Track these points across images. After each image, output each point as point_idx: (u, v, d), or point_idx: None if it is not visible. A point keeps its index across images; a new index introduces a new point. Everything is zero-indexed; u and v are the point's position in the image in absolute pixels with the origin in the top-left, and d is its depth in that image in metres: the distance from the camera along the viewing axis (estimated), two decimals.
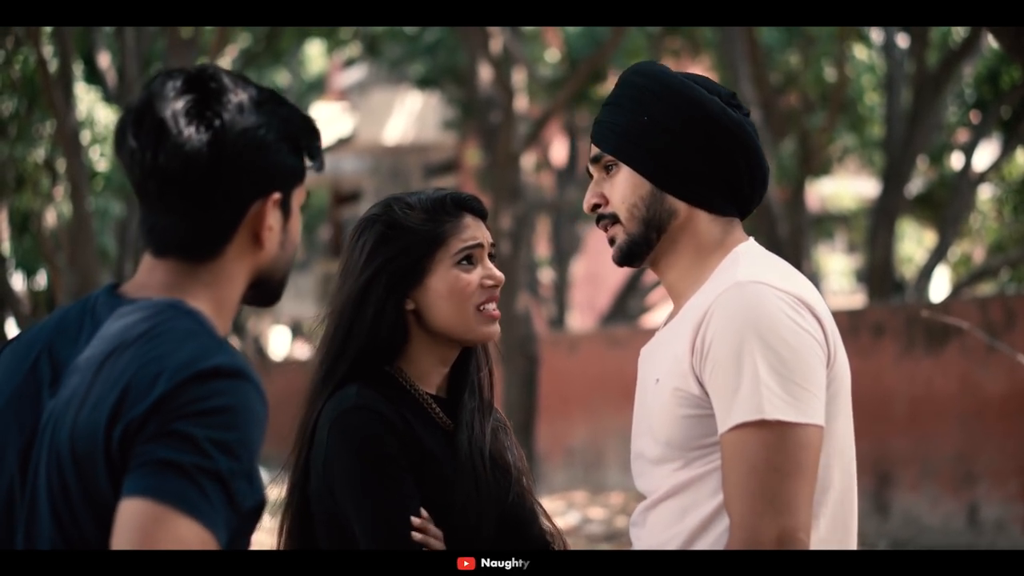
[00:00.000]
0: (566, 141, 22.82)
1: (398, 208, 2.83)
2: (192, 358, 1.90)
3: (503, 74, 17.21)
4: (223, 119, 2.00)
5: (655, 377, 2.59)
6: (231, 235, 2.04)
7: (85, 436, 1.91)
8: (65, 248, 14.05)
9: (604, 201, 2.66)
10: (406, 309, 2.79)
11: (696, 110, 2.59)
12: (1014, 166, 18.42)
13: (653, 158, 2.60)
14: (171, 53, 14.58)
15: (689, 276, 2.62)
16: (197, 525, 1.83)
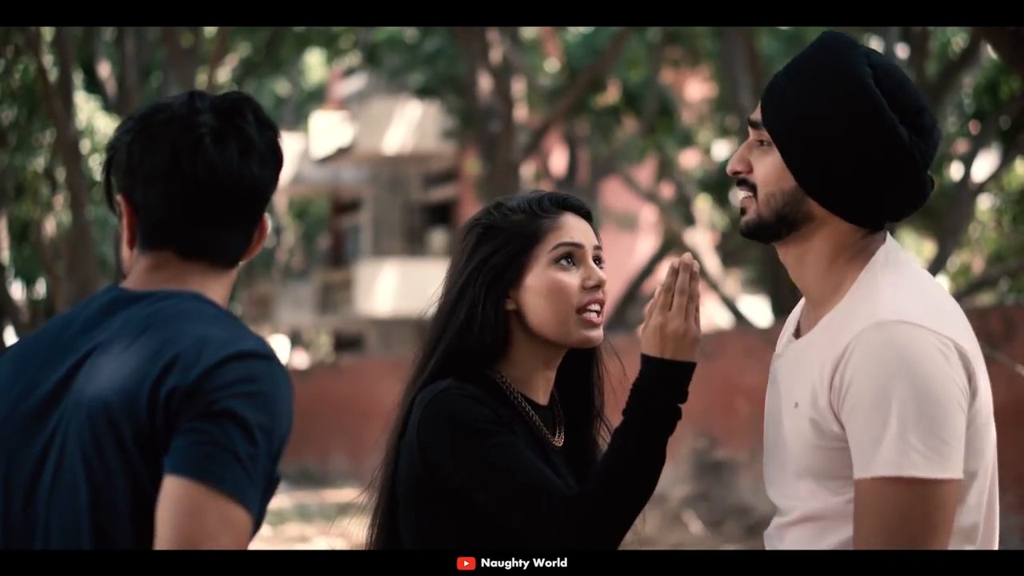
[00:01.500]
0: (566, 150, 22.85)
1: (498, 210, 2.82)
2: (230, 338, 2.02)
3: (503, 84, 17.24)
4: (273, 144, 2.18)
5: (794, 401, 2.48)
6: (252, 238, 2.19)
7: (122, 403, 1.98)
8: (64, 257, 14.05)
9: (748, 169, 2.52)
10: (507, 309, 2.76)
11: (867, 123, 2.41)
12: (1013, 176, 18.44)
13: (807, 159, 2.45)
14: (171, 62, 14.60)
15: (827, 283, 2.50)
16: (240, 508, 1.92)
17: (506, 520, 2.62)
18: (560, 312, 2.74)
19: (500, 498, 2.61)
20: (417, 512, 2.69)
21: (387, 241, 33.67)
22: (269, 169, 2.15)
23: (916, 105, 2.44)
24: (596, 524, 2.57)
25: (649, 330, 2.65)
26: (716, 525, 12.42)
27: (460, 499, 2.65)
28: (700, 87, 24.52)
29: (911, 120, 2.42)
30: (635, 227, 25.96)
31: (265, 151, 2.15)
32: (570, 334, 2.76)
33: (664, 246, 22.51)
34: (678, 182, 21.64)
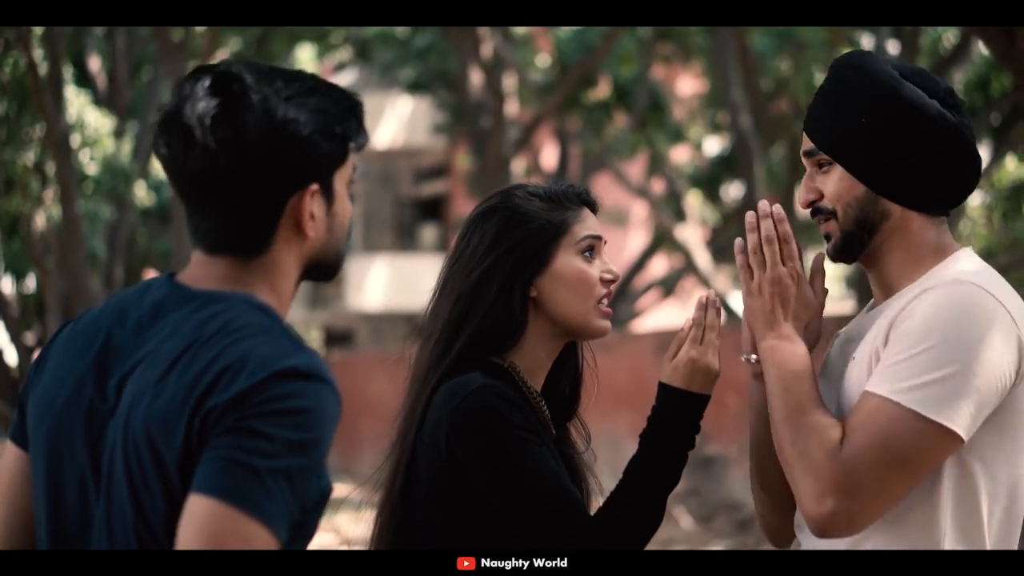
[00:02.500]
0: (556, 146, 22.83)
1: (520, 196, 2.82)
2: (272, 356, 1.93)
3: (494, 79, 17.23)
4: (246, 122, 2.01)
5: (853, 355, 2.56)
6: (273, 231, 2.06)
7: (163, 426, 1.93)
8: (54, 251, 14.02)
9: (819, 196, 2.62)
10: (530, 296, 2.77)
11: (914, 114, 2.53)
12: (1004, 173, 18.45)
13: (868, 162, 2.56)
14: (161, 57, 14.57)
15: (902, 274, 2.58)
16: (261, 527, 1.86)
17: (523, 531, 2.62)
18: (583, 302, 2.78)
19: (523, 511, 2.62)
20: (439, 514, 2.68)
21: (378, 236, 33.64)
22: (227, 150, 2.01)
23: (945, 87, 2.57)
24: (611, 546, 2.60)
25: (680, 362, 2.71)
26: (707, 520, 12.43)
27: (483, 502, 2.65)
28: (691, 83, 24.52)
29: (947, 101, 2.55)
30: (626, 222, 25.96)
31: (213, 133, 2.00)
32: (590, 324, 2.79)
33: (655, 241, 22.52)
34: (669, 177, 21.64)
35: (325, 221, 2.09)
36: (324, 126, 2.06)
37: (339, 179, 2.10)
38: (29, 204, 13.80)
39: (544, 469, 2.62)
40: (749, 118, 16.79)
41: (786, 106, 18.93)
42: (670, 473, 2.67)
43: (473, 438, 2.62)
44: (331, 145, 2.07)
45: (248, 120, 2.01)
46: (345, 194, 2.12)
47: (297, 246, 2.08)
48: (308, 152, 2.04)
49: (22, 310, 15.20)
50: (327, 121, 2.06)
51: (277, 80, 2.05)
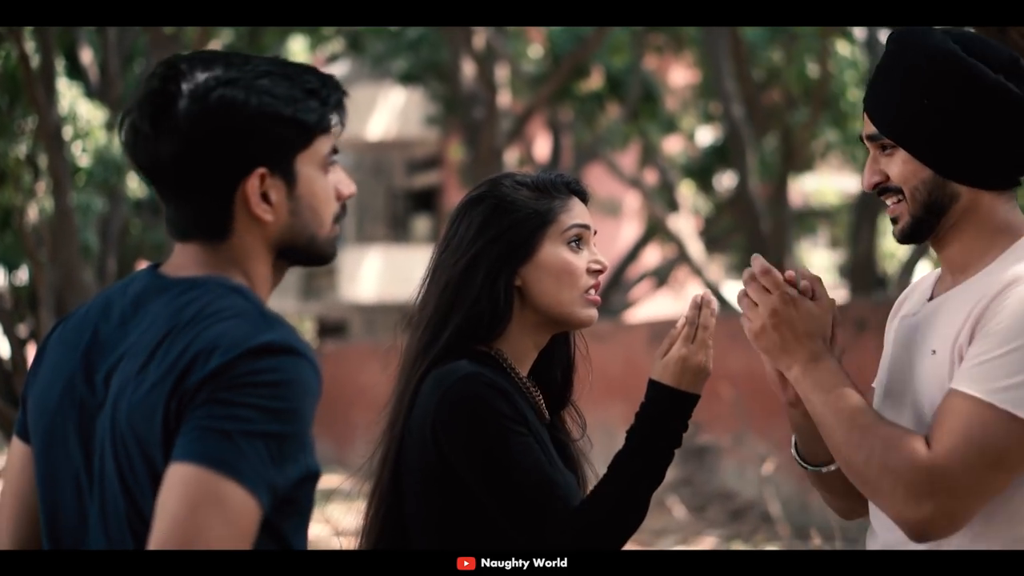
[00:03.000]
0: (549, 137, 22.84)
1: (507, 185, 2.81)
2: (244, 335, 1.93)
3: (486, 70, 17.23)
4: (179, 110, 2.02)
5: (931, 348, 2.50)
6: (229, 216, 2.06)
7: (144, 416, 1.94)
8: (47, 244, 14.00)
9: (885, 178, 2.56)
10: (515, 285, 2.77)
11: (974, 89, 2.46)
12: None
13: (933, 145, 2.49)
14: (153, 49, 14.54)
15: (973, 253, 2.53)
16: (236, 486, 1.86)
17: (506, 523, 2.63)
18: (569, 292, 2.77)
19: (506, 503, 2.62)
20: (429, 505, 2.68)
21: (371, 227, 33.63)
22: (166, 142, 2.02)
23: (1009, 56, 2.49)
24: (594, 543, 2.61)
25: (671, 360, 2.69)
26: (700, 510, 12.45)
27: (470, 492, 2.65)
28: (684, 73, 24.51)
29: (1010, 72, 2.47)
30: (619, 213, 25.96)
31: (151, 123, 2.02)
32: (575, 314, 2.78)
33: (648, 232, 22.53)
34: (662, 168, 21.65)
35: (287, 204, 2.07)
36: (269, 109, 2.04)
37: (303, 162, 2.08)
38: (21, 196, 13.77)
39: (529, 461, 2.62)
40: (742, 108, 16.80)
41: (778, 96, 18.93)
42: (656, 470, 2.66)
43: (459, 428, 2.63)
44: (280, 128, 2.05)
45: (181, 108, 2.02)
46: (316, 176, 2.10)
47: (259, 230, 2.07)
48: (249, 136, 2.03)
49: (15, 302, 15.18)
50: (274, 104, 2.05)
51: (218, 67, 2.05)
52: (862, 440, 2.39)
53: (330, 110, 2.12)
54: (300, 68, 2.11)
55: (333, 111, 2.12)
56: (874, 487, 2.39)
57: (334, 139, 2.13)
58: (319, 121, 2.09)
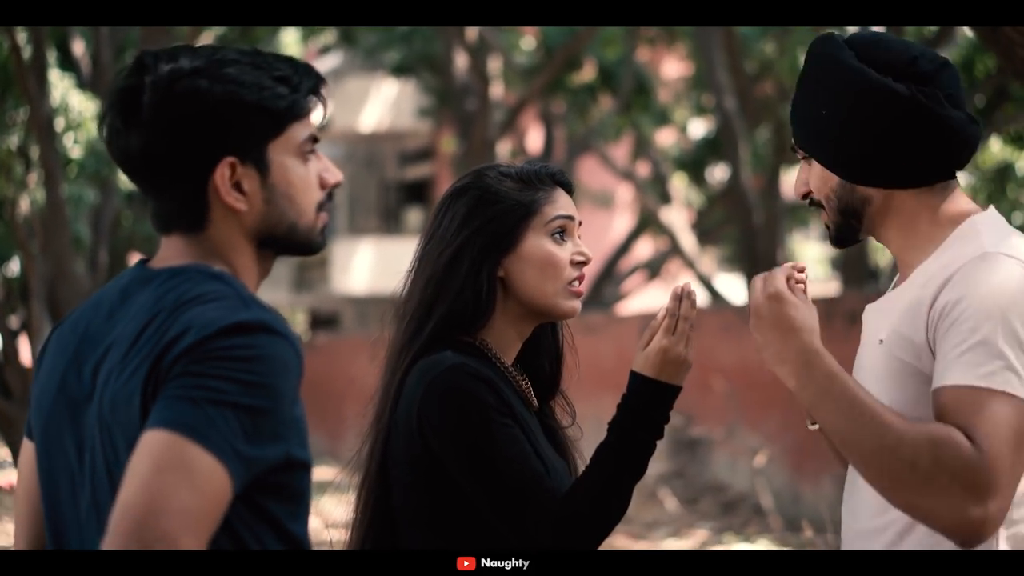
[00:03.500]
0: (542, 129, 22.81)
1: (492, 176, 2.82)
2: (220, 316, 1.93)
3: (479, 62, 17.22)
4: (143, 102, 2.03)
5: (879, 338, 2.54)
6: (204, 206, 2.07)
7: (125, 403, 1.95)
8: (39, 235, 13.97)
9: (809, 188, 2.64)
10: (498, 276, 2.77)
11: (864, 95, 2.51)
12: (988, 155, 18.48)
13: (835, 152, 2.56)
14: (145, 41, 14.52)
15: (915, 246, 2.57)
16: (203, 451, 1.85)
17: (490, 512, 2.63)
18: (552, 284, 2.78)
19: (490, 493, 2.62)
20: (417, 497, 2.68)
21: (363, 219, 33.62)
22: (133, 136, 2.03)
23: (907, 57, 2.52)
24: (576, 534, 2.60)
25: (652, 351, 2.68)
26: (692, 502, 12.46)
27: (456, 484, 2.65)
28: (676, 65, 24.51)
29: (904, 72, 2.51)
30: (611, 205, 25.97)
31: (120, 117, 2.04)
32: (558, 305, 2.79)
33: (640, 224, 22.52)
34: (654, 160, 21.64)
35: (260, 193, 2.07)
36: (233, 96, 2.04)
37: (276, 150, 2.08)
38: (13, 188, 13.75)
39: (514, 452, 2.62)
40: (734, 100, 16.79)
41: (771, 88, 18.92)
42: (638, 461, 2.66)
43: (444, 419, 2.63)
44: (244, 115, 2.05)
45: (146, 101, 2.03)
46: (291, 164, 2.09)
47: (235, 220, 2.08)
48: (214, 125, 2.03)
49: (6, 294, 15.16)
50: (237, 91, 2.04)
51: (183, 58, 2.05)
52: (900, 444, 2.32)
53: (302, 96, 2.10)
54: (272, 57, 2.10)
55: (306, 97, 2.11)
56: (923, 492, 2.30)
57: (312, 126, 2.12)
58: (289, 108, 2.08)
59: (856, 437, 2.35)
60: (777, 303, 2.46)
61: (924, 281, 2.48)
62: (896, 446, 2.31)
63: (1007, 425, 2.30)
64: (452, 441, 2.63)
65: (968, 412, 2.32)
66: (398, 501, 2.71)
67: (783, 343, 2.45)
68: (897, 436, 2.31)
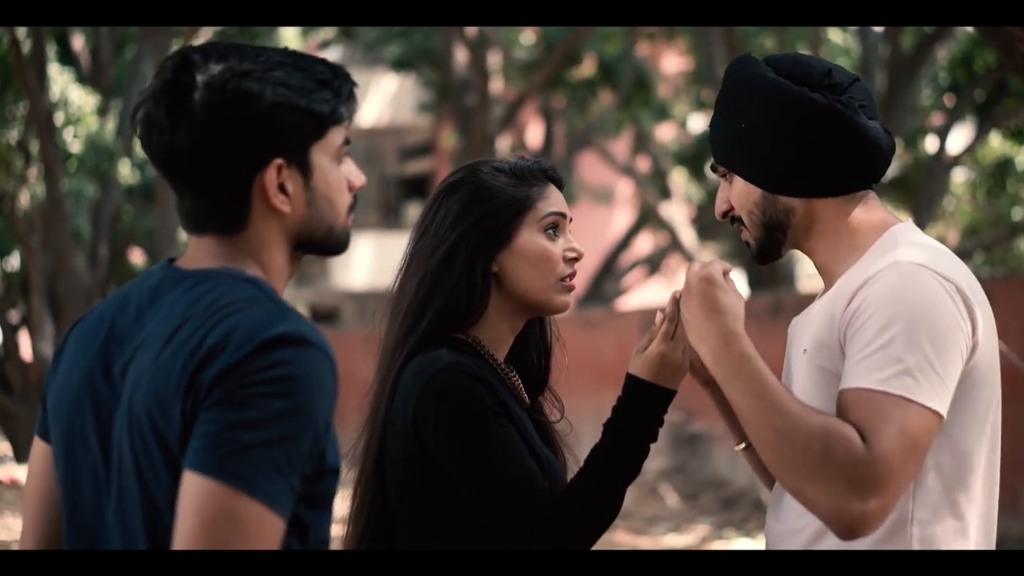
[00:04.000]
0: (542, 124, 22.82)
1: (485, 171, 2.82)
2: (257, 327, 1.93)
3: (478, 57, 17.21)
4: (195, 100, 2.01)
5: (803, 347, 2.57)
6: (246, 207, 2.06)
7: (162, 409, 1.94)
8: (38, 230, 13.99)
9: (730, 206, 2.66)
10: (491, 271, 2.77)
11: (784, 106, 2.55)
12: (988, 150, 18.48)
13: (755, 164, 2.59)
14: (145, 35, 14.52)
15: (837, 256, 2.60)
16: (254, 502, 1.85)
17: (483, 512, 2.63)
18: (545, 279, 2.78)
19: (484, 493, 2.62)
20: (413, 495, 2.68)
21: (363, 214, 33.62)
22: (182, 134, 2.02)
23: (821, 70, 2.59)
24: (568, 534, 2.60)
25: (651, 356, 2.69)
26: (692, 498, 12.46)
27: (450, 482, 2.65)
28: (676, 60, 24.50)
29: (821, 84, 2.57)
30: (611, 200, 25.97)
31: (166, 114, 2.02)
32: (550, 300, 2.79)
33: (640, 219, 22.52)
34: (654, 155, 21.64)
35: (303, 195, 2.08)
36: (284, 100, 2.04)
37: (318, 152, 2.08)
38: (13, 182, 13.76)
39: (507, 452, 2.62)
40: None
41: None
42: (631, 464, 2.66)
43: (439, 418, 2.63)
44: (295, 119, 2.05)
45: (196, 98, 2.01)
46: (330, 167, 2.10)
47: (277, 221, 2.07)
48: (265, 127, 2.03)
49: (6, 288, 15.17)
50: (289, 95, 2.04)
51: (232, 58, 2.05)
52: (794, 430, 2.37)
53: (343, 101, 2.11)
54: (312, 60, 2.11)
55: (345, 102, 2.12)
56: (809, 479, 2.35)
57: (346, 130, 2.13)
58: (332, 112, 2.09)
59: (757, 418, 2.41)
60: (708, 285, 2.52)
61: (844, 289, 2.52)
62: (790, 431, 2.36)
63: (900, 429, 2.34)
64: (447, 440, 2.63)
65: (865, 414, 2.36)
66: (395, 499, 2.71)
67: (707, 322, 2.51)
68: (793, 422, 2.37)
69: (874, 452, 2.33)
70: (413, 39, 20.86)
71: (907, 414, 2.35)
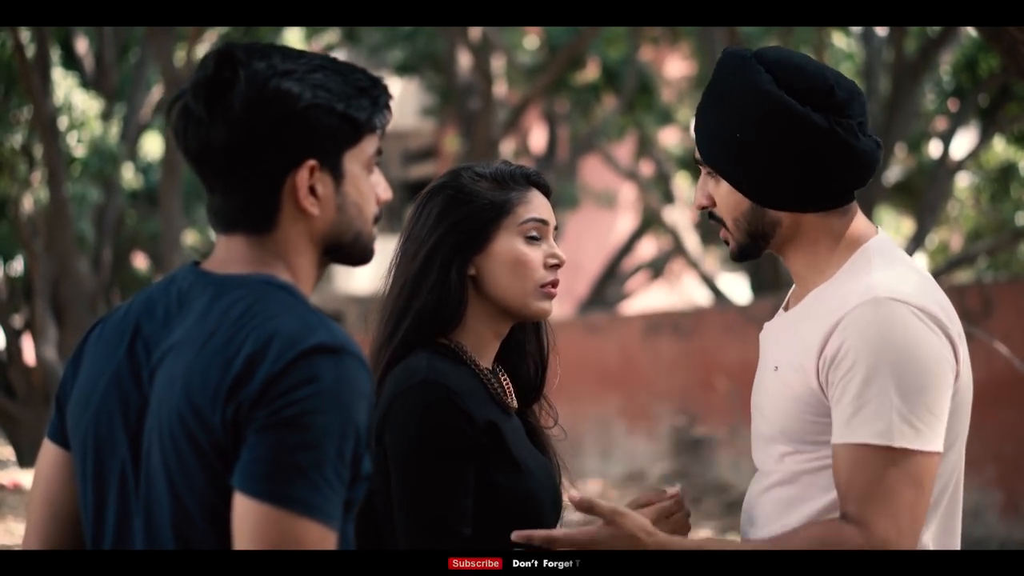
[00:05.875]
0: (545, 128, 22.80)
1: (466, 176, 2.82)
2: (296, 335, 1.94)
3: (482, 61, 17.20)
4: (235, 96, 2.02)
5: (774, 363, 2.58)
6: (276, 207, 2.06)
7: (197, 413, 1.94)
8: (42, 234, 13.99)
9: (712, 203, 2.66)
10: (468, 275, 2.77)
11: (782, 127, 2.54)
12: (991, 154, 18.47)
13: (749, 176, 2.58)
14: (149, 39, 14.52)
15: (814, 266, 2.61)
16: (315, 523, 1.88)
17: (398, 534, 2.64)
18: (522, 285, 2.77)
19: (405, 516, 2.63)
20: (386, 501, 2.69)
21: None
22: (219, 128, 2.02)
23: (824, 87, 2.55)
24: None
25: None
26: (695, 503, 12.45)
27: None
28: (679, 64, 24.49)
29: (823, 103, 2.54)
30: (614, 205, 25.95)
31: (206, 108, 2.03)
32: (528, 306, 2.79)
33: (643, 224, 22.51)
34: (657, 160, 21.63)
35: (333, 200, 2.08)
36: (324, 102, 2.05)
37: (351, 159, 2.09)
38: (17, 186, 13.77)
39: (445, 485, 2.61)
40: None
41: None
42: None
43: (398, 431, 2.64)
44: (332, 122, 2.06)
45: (237, 94, 2.02)
46: (362, 176, 2.11)
47: (305, 224, 2.08)
48: (302, 127, 2.04)
49: (10, 292, 15.17)
50: (328, 98, 2.05)
51: (274, 57, 2.05)
52: None
53: (379, 110, 2.13)
54: (352, 67, 2.12)
55: (381, 112, 2.13)
56: None
57: (379, 140, 2.13)
58: (368, 119, 2.10)
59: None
60: None
61: (814, 314, 2.52)
62: None
63: (903, 486, 2.36)
64: (396, 455, 2.64)
65: (864, 479, 2.38)
66: (377, 505, 2.71)
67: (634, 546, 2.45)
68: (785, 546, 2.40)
69: (875, 535, 2.37)
70: (417, 43, 20.85)
71: (908, 465, 2.37)
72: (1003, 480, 9.83)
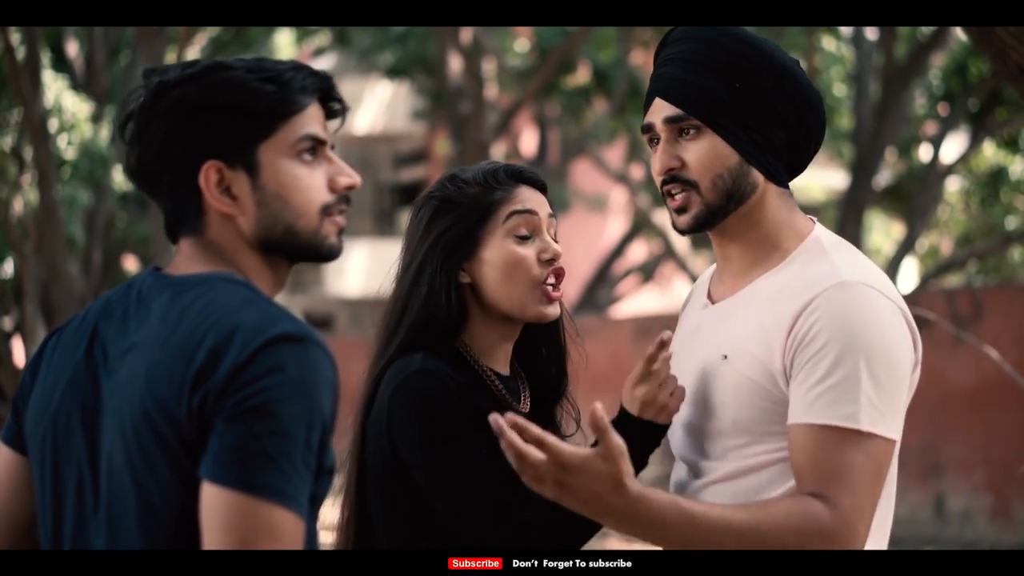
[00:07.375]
0: (536, 131, 22.82)
1: (451, 184, 2.79)
2: (259, 326, 1.93)
3: (473, 64, 17.20)
4: (138, 110, 2.06)
5: (722, 353, 2.51)
6: (199, 212, 2.07)
7: (162, 409, 1.93)
8: (32, 236, 13.96)
9: (680, 164, 2.55)
10: (462, 283, 2.74)
11: (789, 81, 2.52)
12: (981, 159, 18.50)
13: (745, 129, 2.51)
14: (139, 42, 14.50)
15: (756, 253, 2.55)
16: (285, 511, 1.88)
17: (450, 518, 2.61)
18: (517, 286, 2.73)
19: (450, 503, 2.60)
20: (386, 502, 2.67)
21: (357, 221, 33.61)
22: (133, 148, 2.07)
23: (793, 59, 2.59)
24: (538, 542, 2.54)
25: (635, 399, 2.58)
26: None
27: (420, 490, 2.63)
28: None
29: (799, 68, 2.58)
30: (605, 208, 25.96)
31: (120, 126, 2.09)
32: (526, 308, 2.74)
33: (634, 227, 22.52)
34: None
35: (252, 195, 2.06)
36: (211, 102, 2.04)
37: (267, 150, 2.06)
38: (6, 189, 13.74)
39: (471, 464, 2.58)
40: None
41: None
42: None
43: (408, 424, 2.62)
44: (223, 119, 2.04)
45: (142, 114, 2.06)
46: (283, 165, 2.07)
47: (232, 223, 2.07)
48: (193, 131, 2.04)
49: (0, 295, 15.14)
50: (217, 96, 2.04)
51: (173, 70, 2.06)
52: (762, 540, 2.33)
53: (291, 94, 2.08)
54: (274, 62, 2.09)
55: (296, 95, 2.09)
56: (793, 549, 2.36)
57: (307, 126, 2.10)
58: (273, 107, 2.06)
59: (714, 546, 2.34)
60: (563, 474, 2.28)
61: (774, 299, 2.48)
62: (759, 541, 2.33)
63: (866, 469, 2.35)
64: (415, 448, 2.61)
65: (828, 459, 2.35)
66: (373, 510, 2.70)
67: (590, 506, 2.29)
68: (756, 535, 2.33)
69: (842, 513, 2.33)
70: (407, 46, 20.85)
71: (871, 449, 2.35)
72: (992, 484, 9.84)
